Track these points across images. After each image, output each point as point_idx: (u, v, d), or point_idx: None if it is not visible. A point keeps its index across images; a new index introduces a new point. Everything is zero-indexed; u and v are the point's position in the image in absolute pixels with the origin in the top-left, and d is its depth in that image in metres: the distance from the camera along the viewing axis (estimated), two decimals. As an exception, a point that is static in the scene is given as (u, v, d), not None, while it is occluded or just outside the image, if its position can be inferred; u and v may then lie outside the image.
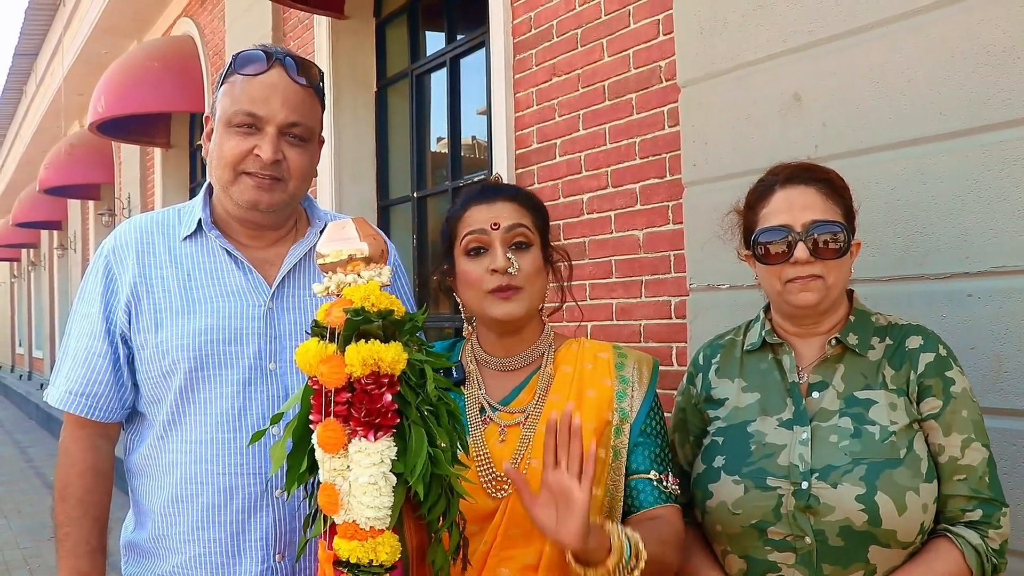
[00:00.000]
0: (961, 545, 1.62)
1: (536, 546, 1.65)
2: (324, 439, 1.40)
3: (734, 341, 1.90)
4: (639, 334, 3.38)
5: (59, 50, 12.57)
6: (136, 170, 10.94)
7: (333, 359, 1.41)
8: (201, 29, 8.61)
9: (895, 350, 1.74)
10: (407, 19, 5.88)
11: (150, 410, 1.83)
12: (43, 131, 15.29)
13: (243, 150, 1.76)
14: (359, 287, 1.45)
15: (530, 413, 1.73)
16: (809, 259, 1.68)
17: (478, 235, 1.72)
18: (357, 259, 1.49)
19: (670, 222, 3.22)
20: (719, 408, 1.83)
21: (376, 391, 1.39)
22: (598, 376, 1.77)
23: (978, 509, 1.64)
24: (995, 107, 2.04)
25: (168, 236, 1.86)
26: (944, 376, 1.69)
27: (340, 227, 1.53)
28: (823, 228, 1.69)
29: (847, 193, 1.79)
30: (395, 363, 1.40)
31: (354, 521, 1.39)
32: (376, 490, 1.38)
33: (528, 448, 1.69)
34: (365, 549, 1.38)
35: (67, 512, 1.81)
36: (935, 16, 2.15)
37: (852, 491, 1.61)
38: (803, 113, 2.47)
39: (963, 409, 1.67)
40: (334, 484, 1.41)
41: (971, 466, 1.65)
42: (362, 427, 1.39)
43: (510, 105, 4.06)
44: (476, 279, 1.72)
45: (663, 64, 3.22)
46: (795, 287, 1.71)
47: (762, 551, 1.68)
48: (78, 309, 1.87)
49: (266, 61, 1.77)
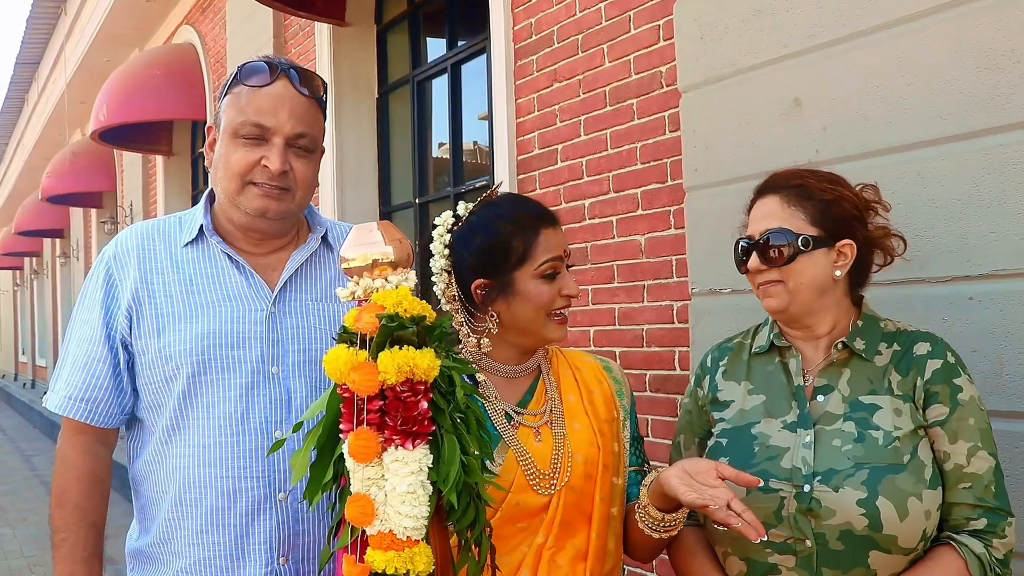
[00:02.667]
0: (964, 554, 1.61)
1: (583, 534, 1.76)
2: (356, 448, 1.37)
3: (743, 344, 1.91)
4: (641, 339, 3.38)
5: (61, 59, 12.60)
6: (138, 178, 10.96)
7: (365, 366, 1.38)
8: (202, 37, 8.64)
9: (903, 356, 1.74)
10: (408, 25, 5.90)
11: (150, 415, 1.84)
12: (45, 139, 15.33)
13: (250, 161, 1.77)
14: (391, 292, 1.42)
15: (552, 409, 1.82)
16: (759, 267, 1.76)
17: (555, 262, 1.78)
18: (383, 263, 1.46)
19: (672, 227, 3.22)
20: (724, 410, 1.84)
21: (412, 399, 1.36)
22: (595, 377, 1.90)
23: (983, 518, 1.63)
24: (994, 111, 2.05)
25: (169, 242, 1.87)
26: (952, 383, 1.69)
27: (366, 231, 1.49)
28: (774, 236, 1.74)
29: (827, 194, 1.76)
30: (430, 370, 1.38)
31: (390, 531, 1.37)
32: (415, 499, 1.36)
33: (566, 444, 1.78)
34: (402, 559, 1.35)
35: (64, 518, 1.81)
36: (934, 20, 2.16)
37: (853, 495, 1.61)
38: (803, 117, 2.48)
39: (970, 417, 1.67)
40: (369, 494, 1.38)
41: (977, 474, 1.64)
42: (398, 435, 1.36)
43: (511, 110, 4.07)
44: (548, 300, 1.77)
45: (664, 69, 3.23)
46: (761, 293, 1.79)
47: (762, 553, 1.68)
48: (78, 315, 1.87)
49: (270, 73, 1.78)
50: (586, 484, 1.76)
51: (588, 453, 1.78)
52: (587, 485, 1.76)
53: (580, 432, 1.80)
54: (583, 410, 1.83)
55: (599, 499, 1.77)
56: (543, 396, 1.83)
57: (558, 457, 1.76)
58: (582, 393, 1.85)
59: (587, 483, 1.76)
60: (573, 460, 1.77)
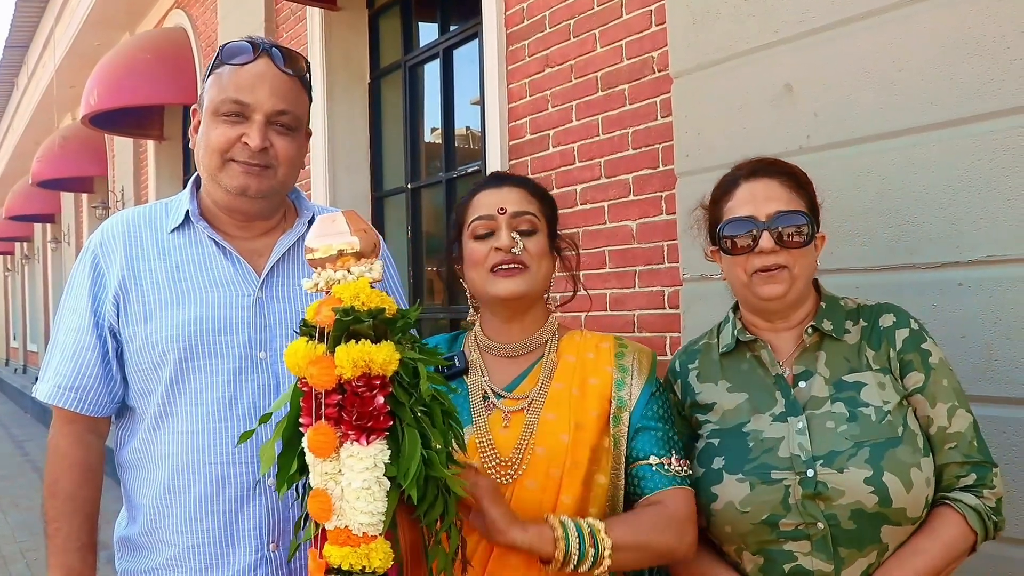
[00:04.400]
0: (961, 509, 1.65)
1: None
2: (315, 443, 1.35)
3: (709, 344, 1.91)
4: (633, 324, 3.38)
5: (50, 42, 12.49)
6: (129, 163, 10.90)
7: (323, 360, 1.36)
8: (193, 21, 8.58)
9: (871, 331, 1.77)
10: (400, 10, 5.87)
11: (140, 403, 1.83)
12: (35, 124, 15.23)
13: (230, 137, 1.77)
14: (349, 284, 1.40)
15: (533, 399, 1.74)
16: (774, 248, 1.71)
17: (486, 220, 1.75)
18: (348, 254, 1.44)
19: (663, 212, 3.22)
20: (708, 412, 1.83)
21: (367, 393, 1.34)
22: (600, 365, 1.79)
23: (972, 473, 1.67)
24: (985, 97, 2.05)
25: (155, 229, 1.87)
26: (921, 349, 1.73)
27: (330, 220, 1.47)
28: (787, 218, 1.71)
29: (810, 187, 1.81)
30: (387, 364, 1.35)
31: (346, 527, 1.35)
32: (370, 495, 1.34)
33: (532, 435, 1.70)
34: (357, 555, 1.34)
35: (57, 508, 1.81)
36: (925, 7, 2.16)
37: (860, 474, 1.62)
38: (795, 103, 2.47)
39: (943, 378, 1.71)
40: (326, 489, 1.37)
41: (960, 432, 1.68)
42: (354, 431, 1.34)
43: (503, 96, 4.06)
44: (481, 257, 1.74)
45: (655, 55, 3.22)
46: (760, 279, 1.73)
47: (776, 543, 1.68)
48: (66, 304, 1.87)
49: (252, 52, 1.78)
50: (549, 480, 1.67)
51: (553, 445, 1.69)
52: (550, 481, 1.67)
53: (552, 423, 1.71)
54: (566, 400, 1.73)
55: (566, 499, 1.66)
56: (534, 381, 1.77)
57: (520, 447, 1.69)
58: (574, 381, 1.76)
59: (550, 480, 1.67)
60: (534, 453, 1.68)
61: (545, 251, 1.79)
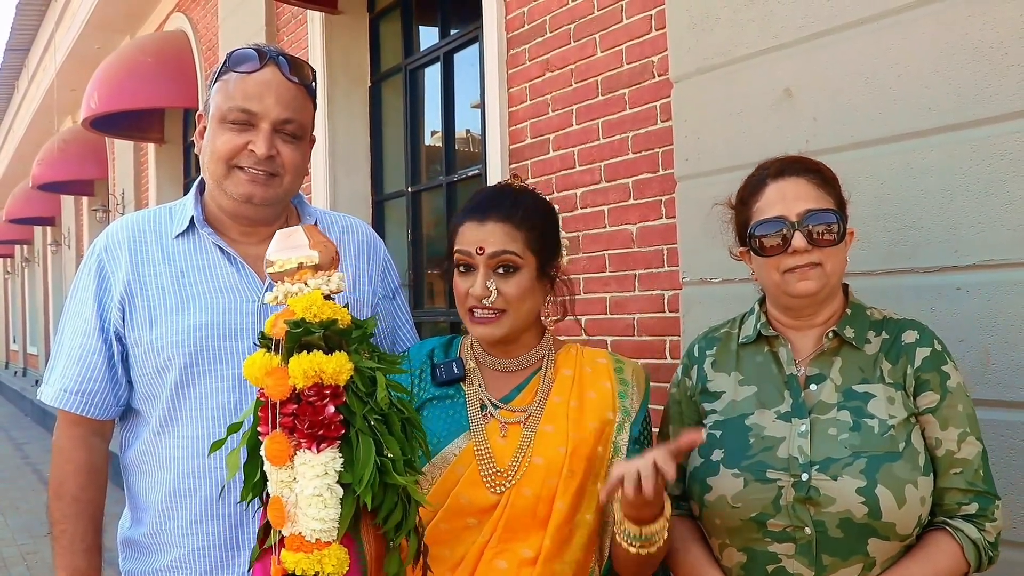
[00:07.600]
0: (960, 539, 1.64)
1: (535, 539, 1.70)
2: (271, 452, 1.40)
3: (730, 334, 1.90)
4: (632, 328, 3.39)
5: (51, 46, 12.51)
6: (130, 166, 10.91)
7: (277, 371, 1.40)
8: (194, 24, 8.59)
9: (892, 344, 1.75)
10: (400, 14, 5.88)
11: (145, 406, 1.84)
12: (36, 127, 15.24)
13: (236, 145, 1.78)
14: (302, 297, 1.44)
15: (531, 413, 1.77)
16: (807, 247, 1.69)
17: (465, 256, 1.76)
18: (307, 267, 1.47)
19: (663, 216, 3.23)
20: (715, 401, 1.84)
21: (319, 403, 1.38)
22: (598, 379, 1.83)
23: (974, 502, 1.66)
24: (983, 102, 2.06)
25: (160, 234, 1.88)
26: (941, 371, 1.71)
27: (288, 234, 1.50)
28: (818, 217, 1.70)
29: (837, 184, 1.80)
30: (337, 374, 1.39)
31: (300, 533, 1.39)
32: (321, 502, 1.37)
33: (530, 446, 1.74)
34: (311, 561, 1.37)
35: (62, 510, 1.82)
36: (924, 12, 2.17)
37: (853, 484, 1.62)
38: (794, 108, 2.49)
39: (959, 403, 1.69)
40: (281, 496, 1.40)
41: (967, 460, 1.67)
42: (306, 439, 1.38)
43: (503, 100, 4.07)
44: (461, 295, 1.78)
45: (655, 59, 3.23)
46: (794, 276, 1.72)
47: (762, 543, 1.69)
48: (71, 307, 1.87)
49: (259, 60, 1.79)
50: (544, 489, 1.71)
51: (551, 456, 1.73)
52: (545, 490, 1.71)
53: (550, 435, 1.75)
54: (564, 412, 1.77)
55: (560, 505, 1.70)
56: (532, 394, 1.80)
57: (518, 457, 1.73)
58: (572, 395, 1.79)
59: (546, 488, 1.71)
60: (532, 463, 1.72)
61: (529, 287, 1.77)
